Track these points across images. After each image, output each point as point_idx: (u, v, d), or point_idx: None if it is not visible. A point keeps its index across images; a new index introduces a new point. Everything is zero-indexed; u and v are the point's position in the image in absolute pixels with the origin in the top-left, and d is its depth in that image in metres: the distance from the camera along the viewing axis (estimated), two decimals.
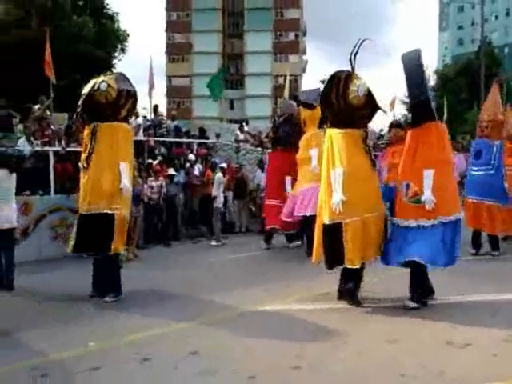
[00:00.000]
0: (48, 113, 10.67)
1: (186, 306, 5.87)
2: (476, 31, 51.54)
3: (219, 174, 10.91)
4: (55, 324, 5.21)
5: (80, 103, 6.08)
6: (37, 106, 10.15)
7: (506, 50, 59.96)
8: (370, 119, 6.11)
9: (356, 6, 73.94)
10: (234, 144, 14.73)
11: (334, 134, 5.79)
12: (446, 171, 5.73)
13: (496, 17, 63.91)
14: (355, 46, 5.82)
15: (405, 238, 5.65)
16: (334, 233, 5.62)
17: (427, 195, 5.52)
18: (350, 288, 5.77)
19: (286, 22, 53.72)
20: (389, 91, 64.74)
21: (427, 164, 5.57)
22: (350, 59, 5.77)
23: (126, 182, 6.09)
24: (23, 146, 9.23)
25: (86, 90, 6.09)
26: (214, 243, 10.77)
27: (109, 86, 5.97)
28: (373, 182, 5.86)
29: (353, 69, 5.78)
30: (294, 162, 9.50)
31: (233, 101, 53.20)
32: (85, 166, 6.07)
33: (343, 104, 5.69)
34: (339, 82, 5.66)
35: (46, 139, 9.86)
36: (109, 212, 6.00)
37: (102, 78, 6.10)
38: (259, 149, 14.62)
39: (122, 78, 6.23)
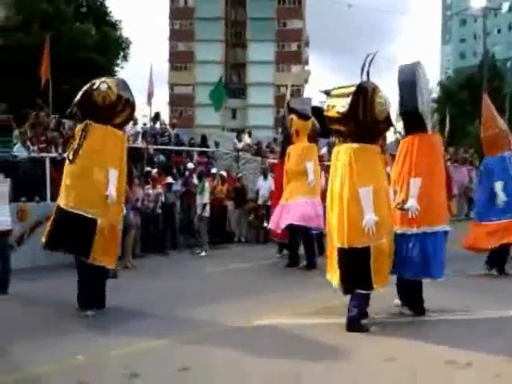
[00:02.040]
0: (46, 119, 10.58)
1: (179, 319, 5.69)
2: (478, 44, 51.77)
3: (207, 183, 10.84)
4: (44, 335, 5.05)
5: (77, 99, 5.94)
6: (34, 113, 10.06)
7: (509, 63, 60.08)
8: (383, 135, 5.97)
9: (358, 19, 74.27)
10: (233, 153, 14.64)
11: (356, 149, 5.36)
12: (436, 182, 5.69)
13: (498, 30, 64.13)
14: (370, 60, 5.59)
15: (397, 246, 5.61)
16: (359, 257, 5.22)
17: (411, 203, 5.50)
18: (353, 316, 5.31)
19: (289, 33, 53.94)
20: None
21: (415, 172, 5.55)
22: (367, 72, 5.54)
23: (113, 190, 5.81)
24: (19, 151, 9.14)
25: (84, 87, 5.99)
26: (203, 253, 10.61)
27: (109, 88, 5.83)
28: (390, 200, 5.67)
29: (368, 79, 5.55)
30: None
31: (235, 110, 53.27)
32: (70, 158, 5.86)
33: (369, 117, 5.35)
34: (367, 93, 5.33)
35: (43, 145, 9.74)
36: (90, 217, 5.72)
37: (103, 78, 6.00)
38: (259, 158, 14.53)
39: (123, 84, 6.09)
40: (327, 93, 6.96)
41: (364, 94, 5.31)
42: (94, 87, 5.85)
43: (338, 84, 5.80)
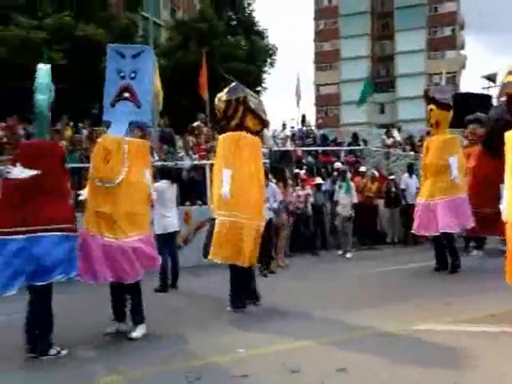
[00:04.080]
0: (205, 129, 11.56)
1: (333, 319, 5.72)
2: None
3: (352, 182, 10.71)
4: (211, 328, 5.51)
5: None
6: (196, 124, 11.04)
7: None
8: None
9: None
10: (383, 150, 14.20)
11: None
12: None
13: None
14: None
15: None
16: None
17: None
18: None
19: (441, 17, 50.44)
20: None
21: None
22: None
23: (226, 189, 6.04)
24: (183, 159, 10.12)
25: None
26: (348, 255, 10.43)
27: (219, 99, 6.26)
28: None
29: None
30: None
31: (383, 105, 51.55)
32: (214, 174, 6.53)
33: None
34: None
35: (203, 153, 10.65)
36: (214, 217, 6.21)
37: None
38: (412, 153, 13.86)
39: (233, 88, 6.28)
40: (490, 78, 6.34)
41: None
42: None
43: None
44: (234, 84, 6.38)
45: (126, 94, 5.23)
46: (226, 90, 6.31)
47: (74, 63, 15.95)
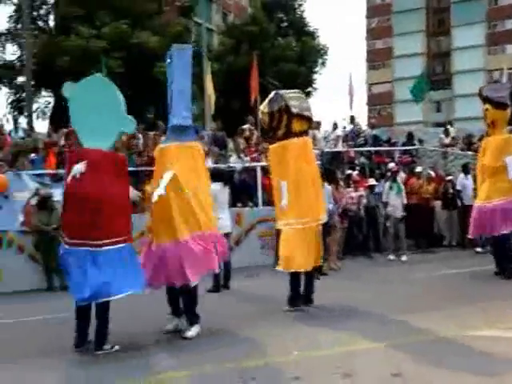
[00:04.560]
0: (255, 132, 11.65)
1: (389, 322, 5.60)
2: None
3: (402, 185, 10.39)
4: (264, 328, 5.50)
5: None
6: (246, 126, 11.14)
7: None
8: None
9: None
10: (440, 149, 13.70)
11: None
12: None
13: None
14: None
15: None
16: None
17: None
18: None
19: (502, 10, 48.17)
20: None
21: None
22: None
23: (284, 202, 6.14)
24: (235, 162, 10.24)
25: None
26: (404, 258, 10.10)
27: (262, 113, 6.31)
28: None
29: None
30: None
31: (439, 103, 49.87)
32: None
33: None
34: None
35: (254, 155, 10.73)
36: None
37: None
38: (470, 153, 13.30)
39: (274, 98, 6.20)
40: None
41: None
42: None
43: None
44: (272, 94, 6.30)
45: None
46: (266, 101, 6.31)
47: (130, 70, 16.52)
